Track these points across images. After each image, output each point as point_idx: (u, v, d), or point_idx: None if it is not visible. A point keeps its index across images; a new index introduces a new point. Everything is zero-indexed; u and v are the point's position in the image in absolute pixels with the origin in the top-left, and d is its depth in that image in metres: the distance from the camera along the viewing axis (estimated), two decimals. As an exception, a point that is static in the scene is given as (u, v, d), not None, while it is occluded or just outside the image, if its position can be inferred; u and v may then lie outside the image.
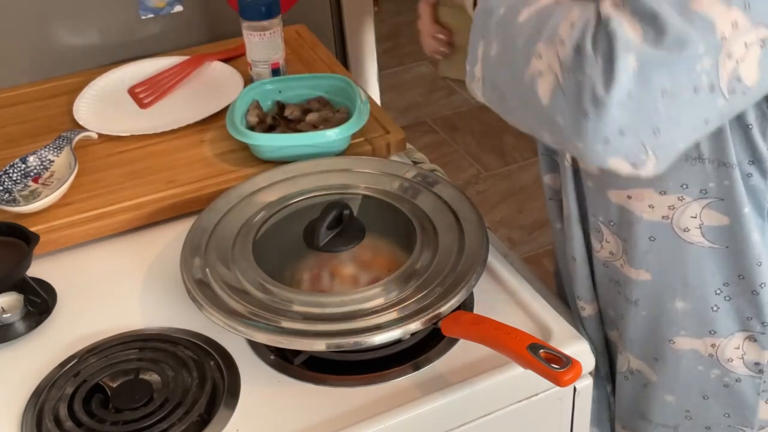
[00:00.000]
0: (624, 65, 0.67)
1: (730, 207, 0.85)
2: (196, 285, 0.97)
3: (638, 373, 1.02)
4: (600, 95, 0.68)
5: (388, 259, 1.01)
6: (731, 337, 0.93)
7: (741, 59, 0.68)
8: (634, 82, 0.68)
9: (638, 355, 1.00)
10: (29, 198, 1.16)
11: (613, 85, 0.68)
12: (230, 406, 0.91)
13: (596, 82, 0.69)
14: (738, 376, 0.95)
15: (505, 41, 0.77)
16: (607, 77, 0.68)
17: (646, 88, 0.68)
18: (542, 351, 0.83)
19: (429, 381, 0.93)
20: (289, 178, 1.14)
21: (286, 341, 0.91)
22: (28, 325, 1.02)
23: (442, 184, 1.10)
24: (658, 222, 0.89)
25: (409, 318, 0.91)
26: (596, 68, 0.68)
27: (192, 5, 1.52)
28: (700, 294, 0.92)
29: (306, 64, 1.47)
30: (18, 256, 1.03)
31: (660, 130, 0.69)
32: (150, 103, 1.38)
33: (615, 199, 0.91)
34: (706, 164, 0.83)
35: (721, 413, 0.98)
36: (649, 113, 0.68)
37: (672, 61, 0.67)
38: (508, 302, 1.02)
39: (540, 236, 2.54)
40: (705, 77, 0.68)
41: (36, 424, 0.89)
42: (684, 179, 0.85)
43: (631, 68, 0.67)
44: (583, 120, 0.70)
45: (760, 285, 0.89)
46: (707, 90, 0.68)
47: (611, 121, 0.69)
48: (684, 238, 0.89)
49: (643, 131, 0.69)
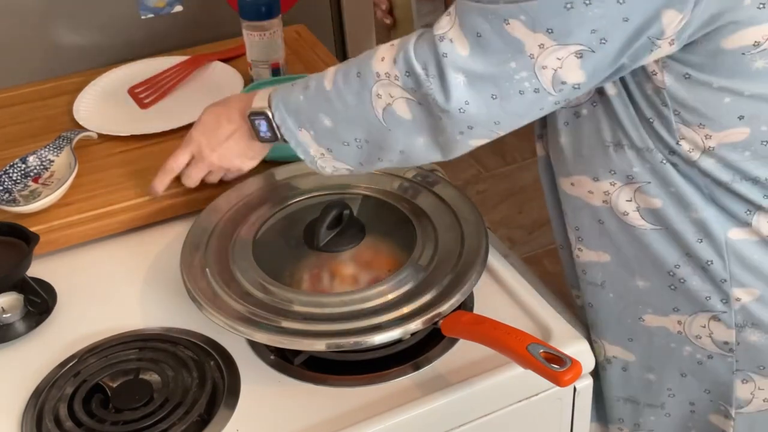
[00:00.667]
0: (455, 82, 0.84)
1: (658, 189, 0.89)
2: (196, 285, 0.97)
3: (615, 359, 1.03)
4: (443, 106, 0.85)
5: (388, 259, 1.01)
6: (695, 315, 0.94)
7: (558, 68, 0.81)
8: (467, 92, 0.84)
9: (612, 340, 1.02)
10: (29, 198, 1.16)
11: (450, 98, 0.84)
12: (230, 406, 0.91)
13: (436, 97, 0.85)
14: (709, 353, 0.96)
15: (333, 110, 0.92)
16: (445, 92, 0.84)
17: (478, 96, 0.84)
18: (542, 351, 0.83)
19: (429, 381, 0.93)
20: (289, 178, 1.14)
21: (286, 341, 0.91)
22: (28, 325, 1.02)
23: (442, 184, 1.10)
24: (601, 207, 0.93)
25: (409, 318, 0.91)
26: (432, 87, 0.85)
27: (192, 5, 1.52)
28: (656, 273, 0.94)
29: (306, 64, 1.47)
30: (18, 256, 1.03)
31: (500, 121, 0.86)
32: (150, 103, 1.38)
33: (563, 186, 0.97)
34: (626, 150, 0.89)
35: (701, 389, 0.99)
36: (485, 112, 0.85)
37: (493, 75, 0.82)
38: (508, 302, 1.02)
39: (540, 236, 2.54)
40: (527, 83, 0.82)
41: (36, 424, 0.89)
42: (610, 166, 0.90)
43: (462, 83, 0.83)
44: (440, 121, 0.87)
45: (707, 262, 0.90)
46: (532, 92, 0.83)
47: (459, 122, 0.86)
48: (627, 222, 0.92)
49: (487, 124, 0.86)
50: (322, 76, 0.94)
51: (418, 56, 0.85)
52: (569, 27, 0.78)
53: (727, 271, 0.90)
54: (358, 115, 0.91)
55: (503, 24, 0.80)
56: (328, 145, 0.94)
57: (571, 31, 0.79)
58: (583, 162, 0.92)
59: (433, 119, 0.87)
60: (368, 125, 0.91)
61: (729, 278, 0.90)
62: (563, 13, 0.78)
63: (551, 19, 0.78)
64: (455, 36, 0.83)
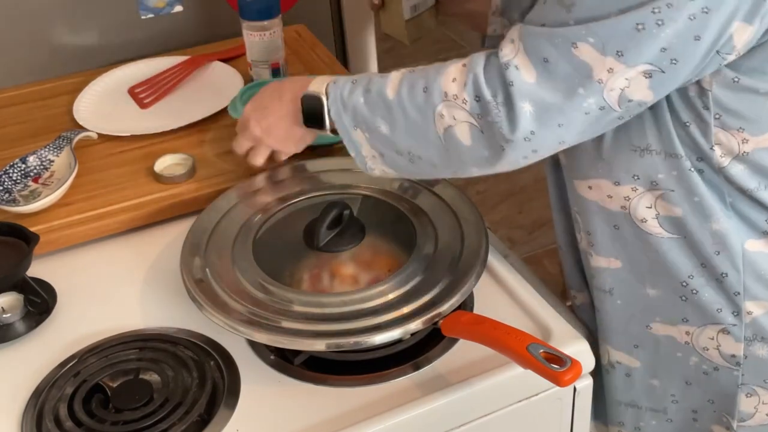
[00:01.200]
0: (522, 112, 0.82)
1: (681, 197, 0.88)
2: (196, 285, 0.97)
3: (619, 364, 1.03)
4: (507, 137, 0.83)
5: (388, 259, 1.01)
6: (704, 327, 0.94)
7: (625, 87, 0.79)
8: (534, 123, 0.82)
9: (617, 345, 1.02)
10: (29, 198, 1.16)
11: (516, 128, 0.83)
12: (230, 406, 0.91)
13: (502, 126, 0.83)
14: (716, 365, 0.96)
15: (392, 119, 0.90)
16: (511, 122, 0.83)
17: (545, 126, 0.83)
18: (542, 351, 0.83)
19: (429, 381, 0.93)
20: (289, 178, 1.14)
21: (286, 341, 0.91)
22: (28, 325, 1.02)
23: (442, 184, 1.10)
24: (619, 212, 0.92)
25: (409, 318, 0.91)
26: (500, 114, 0.83)
27: (192, 5, 1.52)
28: (668, 282, 0.93)
29: (306, 64, 1.47)
30: (18, 256, 1.03)
31: (565, 141, 0.85)
32: (150, 103, 1.38)
33: (579, 189, 0.95)
34: (654, 155, 0.88)
35: (705, 399, 0.99)
36: (551, 137, 0.84)
37: (561, 104, 0.81)
38: (508, 302, 1.02)
39: (540, 236, 2.54)
40: (594, 106, 0.81)
41: (36, 424, 0.89)
42: (634, 170, 0.89)
43: (529, 113, 0.82)
44: (502, 151, 0.85)
45: (722, 274, 0.90)
46: (597, 110, 0.81)
47: (523, 149, 0.85)
48: (644, 229, 0.91)
49: (551, 147, 0.86)
50: (384, 82, 0.92)
51: (489, 82, 0.84)
52: (640, 49, 0.77)
53: (741, 283, 0.90)
54: (418, 130, 0.89)
55: (571, 47, 0.79)
56: (381, 149, 0.93)
57: (642, 52, 0.77)
58: (605, 165, 0.91)
59: (492, 149, 0.86)
60: (426, 141, 0.89)
61: (743, 291, 0.90)
62: (634, 34, 0.76)
63: (622, 41, 0.77)
64: (521, 63, 0.82)
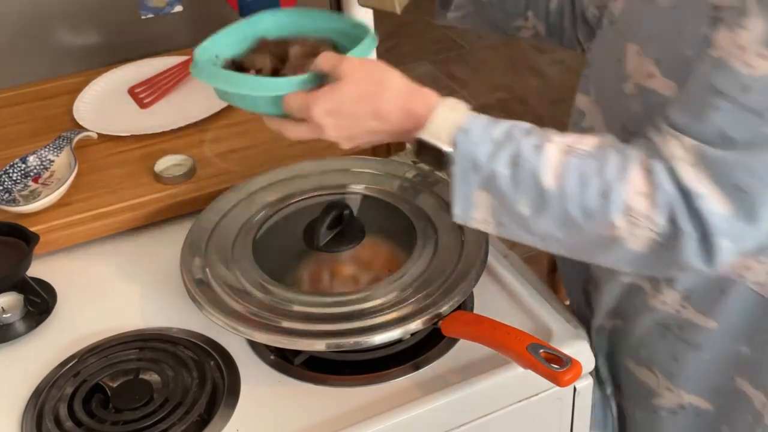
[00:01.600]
0: (719, 249, 0.75)
1: None
2: (196, 285, 0.97)
3: (690, 406, 0.98)
4: (699, 267, 0.76)
5: (388, 259, 1.01)
6: None
7: None
8: (732, 256, 0.76)
9: (693, 390, 0.97)
10: (29, 198, 1.16)
11: (713, 263, 0.76)
12: (230, 406, 0.91)
13: (692, 260, 0.76)
14: None
15: (542, 207, 0.78)
16: (707, 256, 0.75)
17: (744, 253, 0.78)
18: (542, 351, 0.83)
19: (429, 381, 0.93)
20: (289, 178, 1.14)
21: (286, 341, 0.91)
22: (28, 325, 1.02)
23: (442, 184, 1.10)
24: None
25: (409, 318, 0.91)
26: (692, 247, 0.75)
27: (192, 5, 1.52)
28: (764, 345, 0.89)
29: (306, 64, 1.47)
30: (18, 256, 1.03)
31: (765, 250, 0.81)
32: (150, 103, 1.38)
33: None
34: None
35: None
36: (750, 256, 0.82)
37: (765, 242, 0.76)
38: (508, 302, 1.02)
39: (540, 236, 2.54)
40: None
41: (36, 424, 0.89)
42: None
43: (727, 248, 0.75)
44: (690, 267, 0.77)
45: None
46: None
47: (717, 267, 0.77)
48: (758, 292, 0.87)
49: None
50: (539, 161, 0.78)
51: (689, 211, 0.74)
52: None
53: None
54: (574, 226, 0.78)
55: None
56: (505, 222, 0.81)
57: None
58: None
59: (671, 269, 0.80)
60: (579, 237, 0.79)
61: None
62: None
63: None
64: (710, 193, 0.73)
